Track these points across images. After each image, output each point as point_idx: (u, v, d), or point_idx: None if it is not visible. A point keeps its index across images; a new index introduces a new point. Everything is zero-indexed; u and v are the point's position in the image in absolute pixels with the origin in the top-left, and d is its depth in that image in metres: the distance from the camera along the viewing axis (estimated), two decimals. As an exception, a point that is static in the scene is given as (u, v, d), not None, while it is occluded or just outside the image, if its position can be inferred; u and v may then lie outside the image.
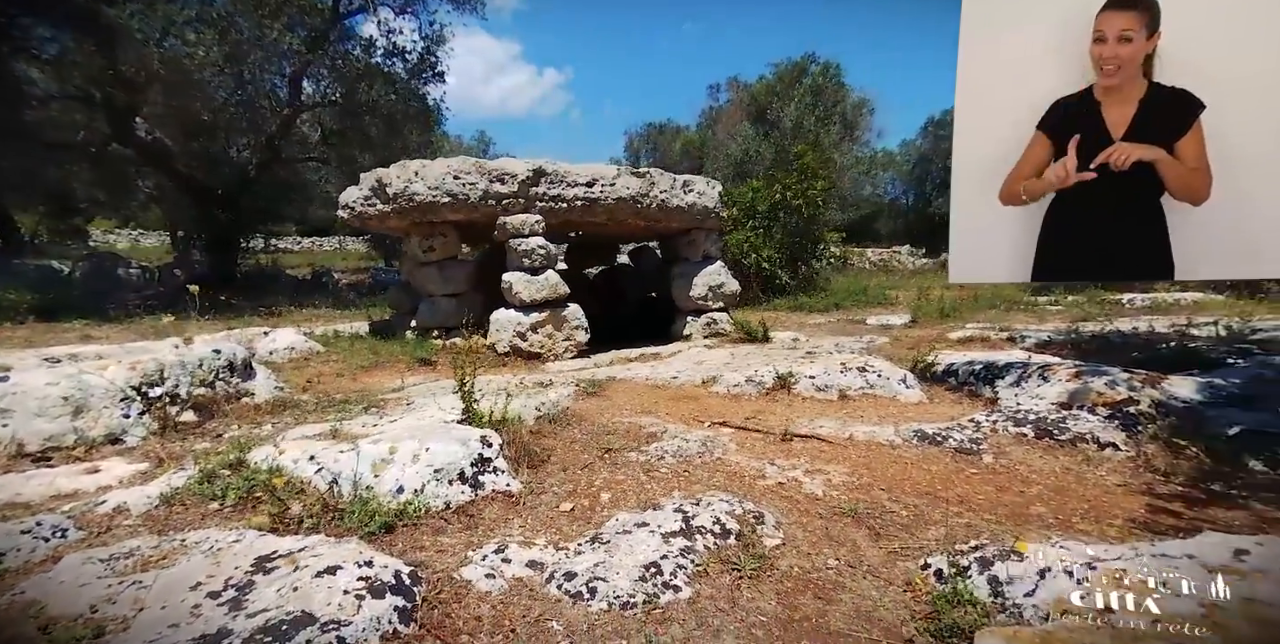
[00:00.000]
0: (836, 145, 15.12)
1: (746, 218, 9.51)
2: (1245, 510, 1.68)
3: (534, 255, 4.86)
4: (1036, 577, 1.23)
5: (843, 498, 1.94)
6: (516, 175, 4.82)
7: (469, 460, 1.74)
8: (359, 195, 5.23)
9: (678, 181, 5.93)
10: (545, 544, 1.53)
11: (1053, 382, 2.62)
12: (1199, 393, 2.25)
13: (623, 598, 1.29)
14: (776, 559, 1.55)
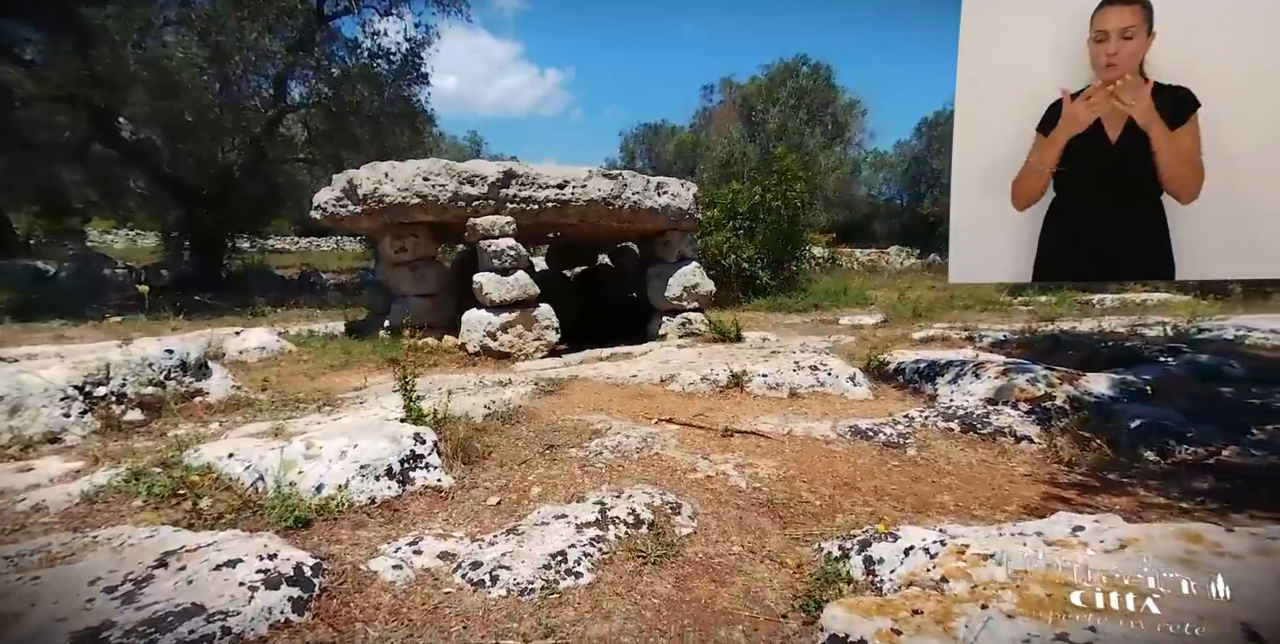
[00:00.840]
0: (822, 147, 15.26)
1: (728, 219, 9.60)
2: (1130, 496, 1.77)
3: (504, 256, 4.93)
4: (902, 555, 1.32)
5: (764, 489, 2.02)
6: (486, 177, 4.89)
7: (398, 457, 1.80)
8: (331, 196, 5.28)
9: (651, 183, 6.01)
10: (463, 536, 1.60)
11: (983, 379, 2.71)
12: (1111, 389, 2.34)
13: (522, 585, 1.36)
14: (684, 547, 1.63)
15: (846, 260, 15.87)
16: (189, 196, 12.32)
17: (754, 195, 9.45)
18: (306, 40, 11.26)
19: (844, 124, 20.51)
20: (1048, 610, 0.98)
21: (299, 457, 1.68)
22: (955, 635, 1.00)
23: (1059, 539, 1.23)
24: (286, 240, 24.54)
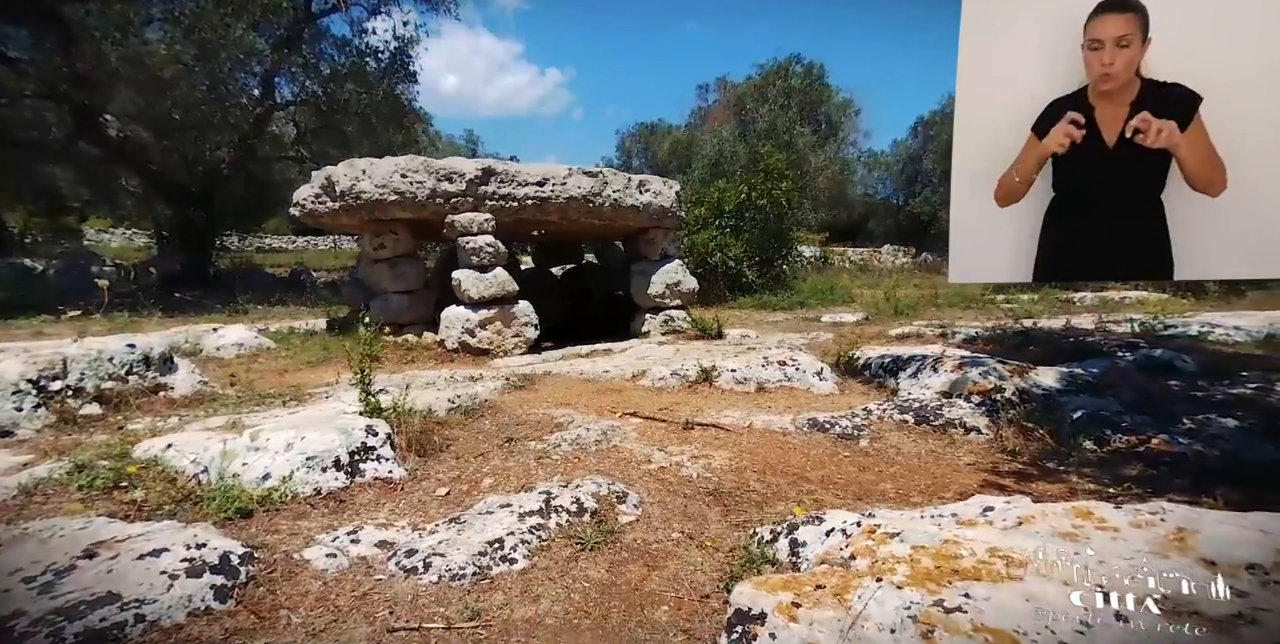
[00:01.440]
0: (812, 146, 15.31)
1: (714, 217, 9.64)
2: (1064, 483, 1.82)
3: (482, 253, 4.95)
4: (823, 536, 1.35)
5: (714, 479, 2.06)
6: (465, 174, 4.90)
7: (347, 449, 1.83)
8: (310, 193, 5.29)
9: (633, 181, 6.04)
10: (405, 526, 1.63)
11: (940, 373, 2.76)
12: (1058, 382, 2.39)
13: (454, 571, 1.38)
14: (624, 534, 1.66)
15: (838, 259, 15.96)
16: (177, 195, 12.27)
17: (740, 194, 9.49)
18: (294, 38, 11.23)
19: (837, 123, 20.58)
20: (933, 580, 1.03)
21: (243, 449, 1.70)
22: (848, 606, 1.03)
23: (968, 519, 1.27)
24: (283, 239, 24.41)
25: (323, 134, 13.31)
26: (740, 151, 13.72)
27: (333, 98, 11.77)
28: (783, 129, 14.60)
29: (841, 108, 20.55)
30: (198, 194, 12.30)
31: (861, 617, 1.02)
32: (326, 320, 6.47)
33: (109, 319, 6.74)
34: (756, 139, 14.18)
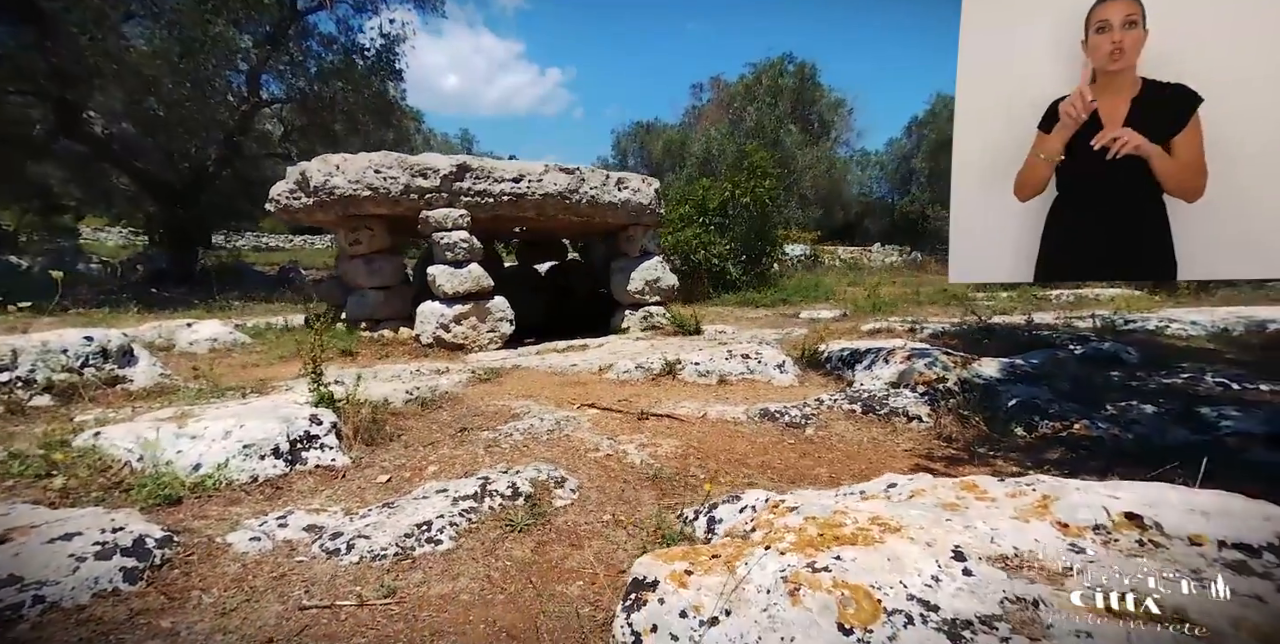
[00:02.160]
0: (800, 145, 15.39)
1: (699, 215, 9.69)
2: (990, 466, 1.87)
3: (456, 249, 4.97)
4: (738, 513, 1.40)
5: (657, 466, 2.10)
6: (439, 170, 4.92)
7: (287, 437, 1.85)
8: (284, 189, 5.29)
9: (611, 178, 6.07)
10: (338, 511, 1.66)
11: (890, 364, 2.81)
12: (1000, 372, 2.45)
13: (376, 552, 1.42)
14: (556, 516, 1.70)
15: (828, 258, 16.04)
16: (163, 192, 12.20)
17: (724, 192, 9.55)
18: (280, 35, 11.18)
19: (829, 122, 20.66)
20: (813, 546, 1.08)
21: (172, 437, 1.72)
22: (735, 572, 1.08)
23: (872, 494, 1.33)
24: (280, 237, 24.26)
25: (310, 132, 13.26)
26: (729, 150, 13.78)
27: (319, 95, 11.73)
28: (769, 128, 14.66)
29: (834, 107, 20.64)
30: (184, 191, 12.23)
31: (744, 581, 1.07)
32: (305, 316, 6.47)
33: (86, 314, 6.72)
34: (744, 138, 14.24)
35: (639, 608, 1.10)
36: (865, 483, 1.51)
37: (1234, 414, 1.93)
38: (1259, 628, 0.76)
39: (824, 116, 20.24)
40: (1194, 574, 0.88)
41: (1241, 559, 0.90)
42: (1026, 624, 0.86)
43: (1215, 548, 0.92)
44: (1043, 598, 0.88)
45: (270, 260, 17.85)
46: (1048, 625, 0.84)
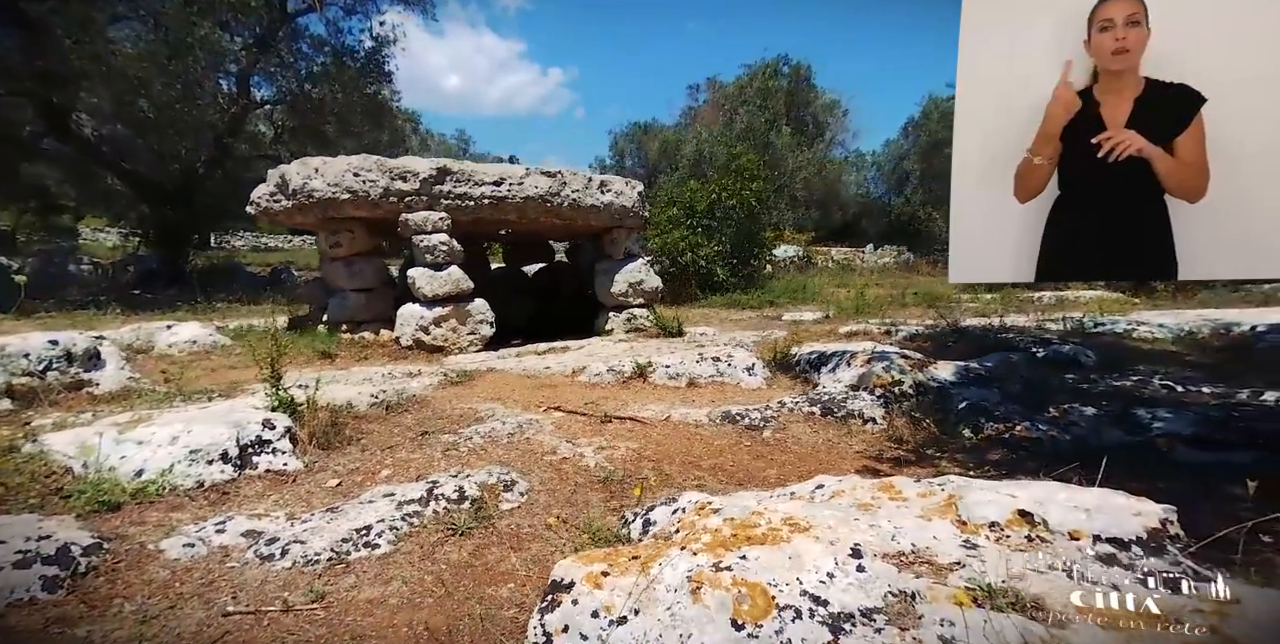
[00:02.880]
0: (790, 147, 15.45)
1: (686, 217, 9.72)
2: (933, 467, 1.90)
3: (436, 251, 4.99)
4: (671, 515, 1.42)
5: (611, 468, 2.12)
6: (419, 173, 4.94)
7: (236, 442, 1.87)
8: (265, 191, 5.31)
9: (593, 181, 6.10)
10: (281, 516, 1.67)
11: (852, 367, 2.85)
12: (954, 375, 2.48)
13: (310, 557, 1.43)
14: (500, 519, 1.73)
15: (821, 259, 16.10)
16: (153, 193, 12.19)
17: (711, 194, 9.59)
18: (270, 37, 11.20)
19: (824, 124, 20.72)
20: (724, 546, 1.11)
21: (115, 443, 1.73)
22: (649, 572, 1.11)
23: (800, 495, 1.36)
24: (279, 238, 24.20)
25: (301, 133, 13.26)
26: (719, 152, 13.83)
27: (309, 97, 11.74)
28: (759, 130, 14.72)
29: (828, 108, 20.70)
30: (175, 193, 12.22)
31: (655, 580, 1.10)
32: (289, 318, 6.48)
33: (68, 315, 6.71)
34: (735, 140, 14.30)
35: (553, 609, 1.12)
36: (798, 484, 1.54)
37: (1166, 416, 1.97)
38: (1104, 615, 0.80)
39: (819, 118, 20.31)
40: (1067, 566, 0.91)
41: (1112, 552, 0.94)
42: (902, 616, 0.90)
43: (1091, 542, 0.96)
44: (920, 591, 0.92)
45: (266, 261, 17.81)
46: (919, 616, 0.88)
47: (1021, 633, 0.81)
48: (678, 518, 1.38)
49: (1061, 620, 0.82)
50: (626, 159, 25.03)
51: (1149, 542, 0.96)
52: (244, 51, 10.27)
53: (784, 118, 17.31)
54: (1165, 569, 0.90)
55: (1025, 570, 0.92)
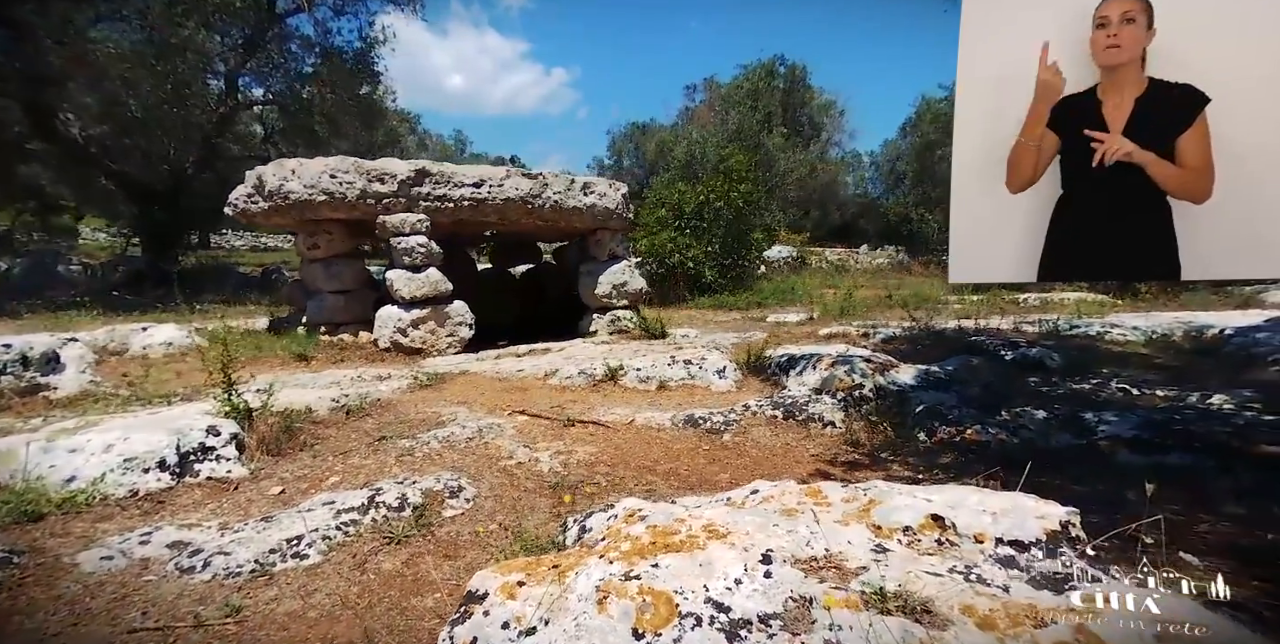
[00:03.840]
0: (782, 148, 15.45)
1: (675, 218, 9.72)
2: (885, 470, 1.90)
3: (414, 253, 4.96)
4: (606, 522, 1.41)
5: (564, 473, 2.11)
6: (396, 175, 4.92)
7: (176, 450, 1.84)
8: (242, 192, 5.28)
9: (576, 183, 6.09)
10: (213, 525, 1.64)
11: (817, 371, 2.84)
12: (914, 379, 2.47)
13: (232, 569, 1.40)
14: (440, 527, 1.70)
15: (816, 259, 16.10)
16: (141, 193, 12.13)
17: (699, 195, 9.58)
18: (259, 37, 11.16)
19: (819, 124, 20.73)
20: (640, 554, 1.10)
21: (42, 451, 1.70)
22: (564, 582, 1.09)
23: (735, 501, 1.34)
24: (280, 237, 24.09)
25: (291, 134, 13.22)
26: (710, 153, 13.83)
27: (298, 98, 11.71)
28: (750, 131, 14.72)
29: (824, 108, 20.72)
30: (163, 193, 12.16)
31: (568, 590, 1.08)
32: (269, 320, 6.44)
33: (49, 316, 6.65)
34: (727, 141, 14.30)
35: (464, 621, 1.10)
36: (737, 490, 1.53)
37: (1111, 419, 1.97)
38: (986, 615, 0.80)
39: (814, 118, 20.32)
40: (965, 569, 0.91)
41: (1011, 554, 0.94)
42: (797, 621, 0.90)
43: (994, 545, 0.96)
44: (816, 596, 0.91)
45: (263, 261, 17.72)
46: (813, 621, 0.88)
47: (902, 635, 0.81)
48: (608, 525, 1.37)
49: (944, 622, 0.82)
50: (624, 159, 25.00)
51: (1048, 543, 0.96)
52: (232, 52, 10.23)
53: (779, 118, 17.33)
54: (1056, 570, 0.90)
55: (923, 573, 0.91)
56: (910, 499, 1.12)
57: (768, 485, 1.43)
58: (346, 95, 11.87)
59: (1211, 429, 1.83)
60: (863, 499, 1.18)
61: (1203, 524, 1.40)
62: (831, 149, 21.99)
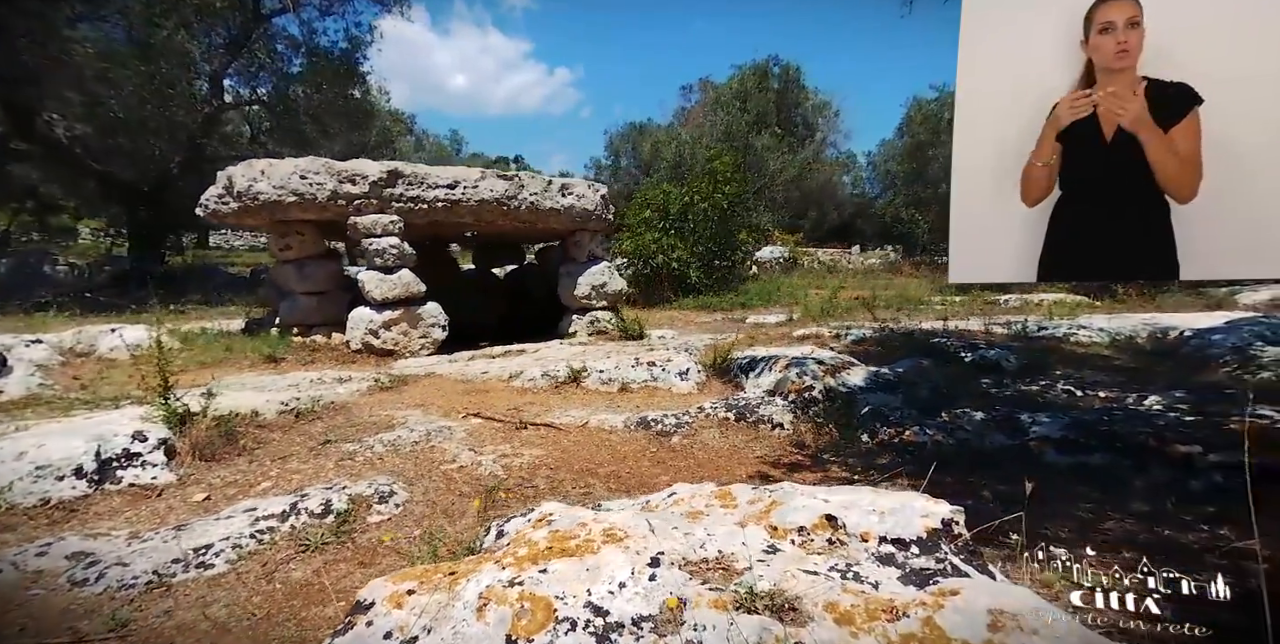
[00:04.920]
0: (771, 149, 15.47)
1: (660, 219, 9.71)
2: (823, 471, 1.89)
3: (386, 255, 4.93)
4: (524, 525, 1.39)
5: (503, 477, 2.08)
6: (368, 176, 4.89)
7: (95, 456, 1.80)
8: (214, 193, 5.23)
9: (554, 184, 6.07)
10: (123, 535, 1.60)
11: (772, 372, 2.82)
12: (864, 381, 2.46)
13: (127, 581, 1.37)
14: (362, 533, 1.68)
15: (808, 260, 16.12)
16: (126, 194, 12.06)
17: (683, 196, 9.58)
18: (244, 38, 11.11)
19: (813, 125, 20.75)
20: (532, 560, 1.09)
21: None
22: (455, 590, 1.08)
23: (652, 504, 1.33)
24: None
25: (279, 134, 13.18)
26: (699, 155, 13.84)
27: (284, 98, 11.66)
28: (739, 132, 14.74)
29: (819, 109, 20.75)
30: (148, 194, 12.09)
31: (456, 598, 1.07)
32: (246, 320, 6.39)
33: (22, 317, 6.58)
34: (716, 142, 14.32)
35: (345, 632, 1.08)
36: (656, 493, 1.51)
37: (1045, 420, 1.96)
38: (845, 612, 0.79)
39: (808, 118, 20.34)
40: (848, 567, 0.90)
41: (891, 552, 0.94)
42: (668, 622, 0.90)
43: (877, 543, 0.96)
44: (692, 598, 0.90)
45: (260, 260, 17.61)
46: (682, 623, 0.88)
47: (760, 633, 0.81)
48: (518, 530, 1.35)
49: (805, 619, 0.82)
50: (622, 158, 24.97)
51: (926, 541, 0.96)
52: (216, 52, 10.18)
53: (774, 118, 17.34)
54: (927, 566, 0.90)
55: (800, 572, 0.91)
56: (810, 500, 1.12)
57: (687, 488, 1.42)
58: (332, 96, 11.83)
59: (1134, 430, 1.83)
60: (766, 501, 1.17)
61: (1109, 521, 1.40)
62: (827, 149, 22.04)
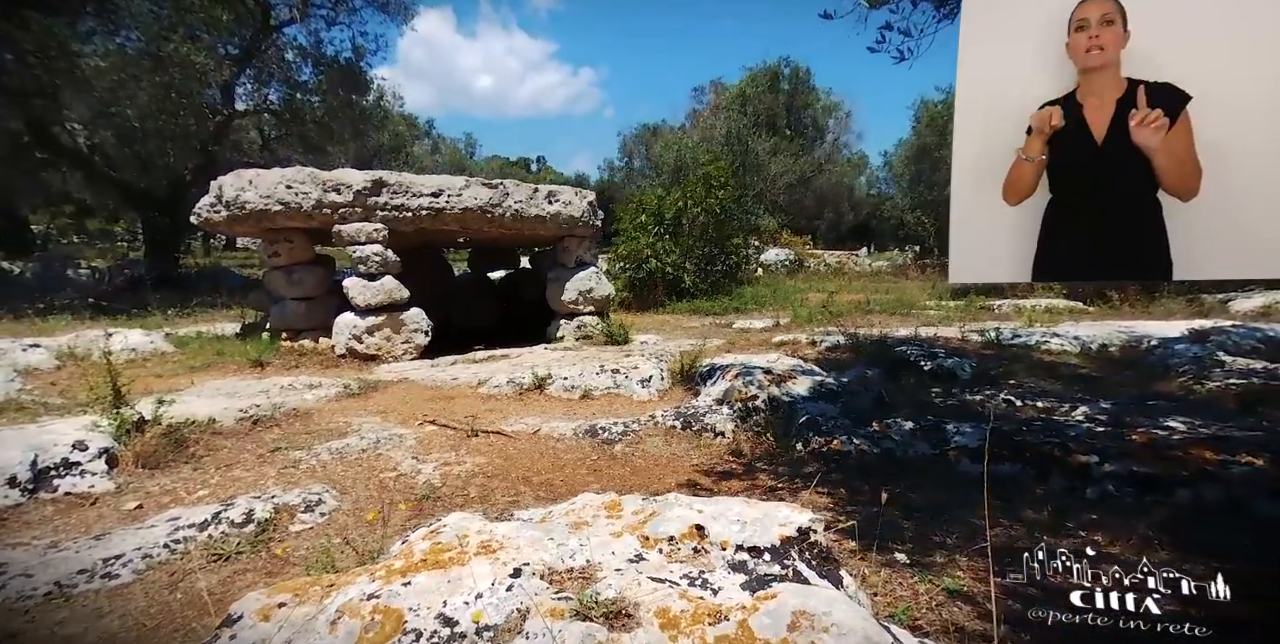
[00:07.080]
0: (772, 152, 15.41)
1: (655, 223, 9.73)
2: (752, 480, 1.90)
3: (370, 262, 5.03)
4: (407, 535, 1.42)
5: (438, 485, 2.12)
6: (352, 185, 4.99)
7: (31, 466, 1.86)
8: (207, 202, 5.39)
9: (540, 192, 6.13)
10: (43, 545, 1.64)
11: (723, 381, 2.83)
12: (807, 390, 2.46)
13: (25, 592, 1.40)
14: (280, 543, 1.72)
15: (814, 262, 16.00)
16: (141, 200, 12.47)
17: (677, 201, 9.59)
18: (254, 48, 11.44)
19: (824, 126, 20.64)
20: (401, 572, 1.14)
21: None
22: (323, 603, 1.11)
23: (555, 513, 1.37)
24: None
25: (288, 141, 13.52)
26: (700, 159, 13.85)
27: (291, 106, 11.96)
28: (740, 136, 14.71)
29: (829, 110, 20.61)
30: (163, 200, 12.49)
31: (321, 611, 1.10)
32: (241, 325, 6.55)
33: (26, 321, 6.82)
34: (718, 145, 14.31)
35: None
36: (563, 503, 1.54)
37: (968, 430, 1.95)
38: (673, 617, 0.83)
39: (818, 120, 20.22)
40: (700, 574, 0.93)
41: (744, 559, 0.97)
42: (509, 631, 0.95)
43: (733, 551, 0.98)
44: (533, 606, 0.93)
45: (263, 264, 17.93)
46: (521, 631, 0.91)
47: (583, 639, 0.84)
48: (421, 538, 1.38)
49: (634, 625, 0.85)
50: (635, 160, 25.06)
51: (779, 548, 0.99)
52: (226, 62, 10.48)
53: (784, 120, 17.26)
54: (770, 572, 0.92)
55: (646, 580, 0.94)
56: (685, 511, 1.15)
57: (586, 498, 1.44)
58: (339, 103, 12.10)
59: (1045, 440, 1.81)
60: (648, 512, 1.20)
61: (997, 527, 1.40)
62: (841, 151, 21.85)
